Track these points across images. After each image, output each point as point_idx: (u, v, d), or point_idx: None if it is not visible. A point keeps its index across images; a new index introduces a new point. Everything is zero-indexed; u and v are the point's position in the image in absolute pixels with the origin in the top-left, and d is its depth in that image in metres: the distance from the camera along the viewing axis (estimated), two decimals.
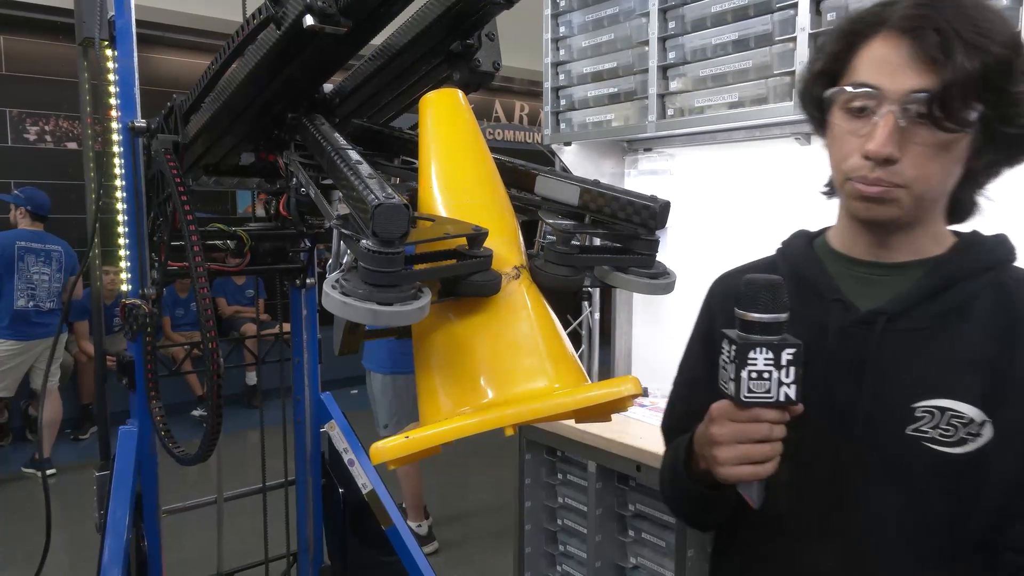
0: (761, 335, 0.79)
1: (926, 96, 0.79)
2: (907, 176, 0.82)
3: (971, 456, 0.83)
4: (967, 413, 0.83)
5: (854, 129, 0.85)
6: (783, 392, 0.79)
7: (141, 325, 1.48)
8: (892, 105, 0.81)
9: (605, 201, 0.97)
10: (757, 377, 0.79)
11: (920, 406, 0.85)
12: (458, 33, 1.07)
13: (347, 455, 1.81)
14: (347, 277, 0.73)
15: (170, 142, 1.30)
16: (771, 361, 0.78)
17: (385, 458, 0.75)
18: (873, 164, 0.82)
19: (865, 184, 0.84)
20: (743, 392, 0.79)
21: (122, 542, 1.42)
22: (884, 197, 0.84)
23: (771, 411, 0.80)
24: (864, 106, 0.83)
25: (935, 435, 0.84)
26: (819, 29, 2.01)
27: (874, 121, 0.82)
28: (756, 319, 0.79)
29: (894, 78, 0.81)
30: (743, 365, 0.79)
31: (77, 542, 3.60)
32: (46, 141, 6.06)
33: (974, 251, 0.91)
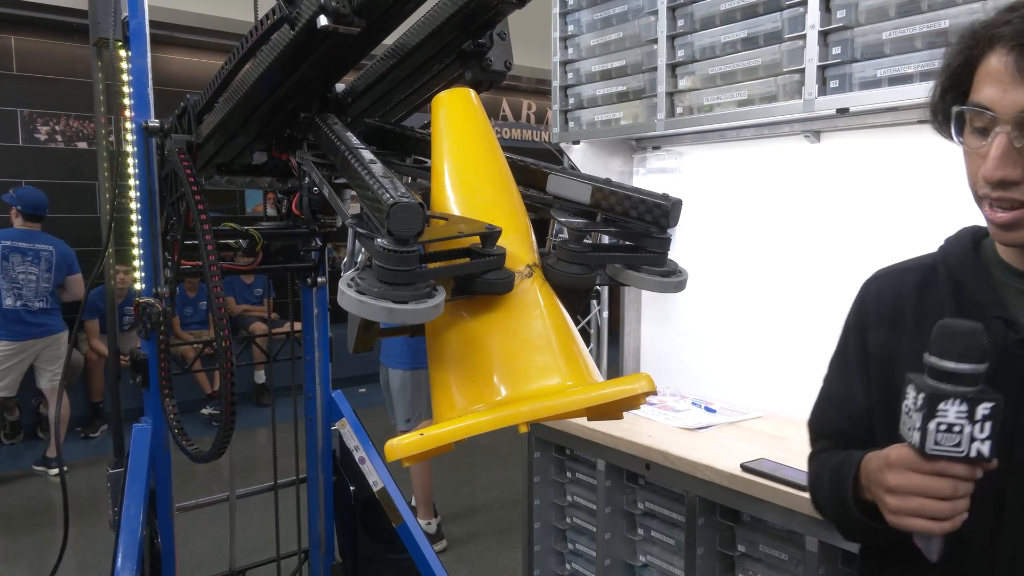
0: (956, 385, 0.72)
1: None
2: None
3: None
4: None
5: (977, 148, 0.81)
6: (975, 448, 0.73)
7: (155, 323, 1.49)
8: (1005, 125, 0.77)
9: (617, 199, 0.97)
10: (947, 430, 0.73)
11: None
12: (470, 32, 1.08)
13: (358, 453, 1.82)
14: (362, 275, 0.74)
15: (184, 142, 1.31)
16: (964, 414, 0.72)
17: (400, 455, 0.76)
18: (994, 186, 0.79)
19: (991, 209, 0.81)
20: (929, 445, 0.73)
21: (136, 539, 1.44)
22: (1014, 222, 0.80)
23: (959, 466, 0.74)
24: (983, 126, 0.80)
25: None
26: (829, 27, 2.01)
27: (988, 142, 0.79)
28: (952, 369, 0.72)
29: (1005, 95, 0.77)
30: (931, 416, 0.73)
31: (88, 539, 3.62)
32: (56, 141, 6.10)
33: None
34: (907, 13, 1.88)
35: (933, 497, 0.75)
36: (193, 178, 1.25)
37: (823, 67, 2.03)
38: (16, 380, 4.71)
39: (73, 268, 4.85)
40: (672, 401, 2.43)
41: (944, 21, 1.81)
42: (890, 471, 0.78)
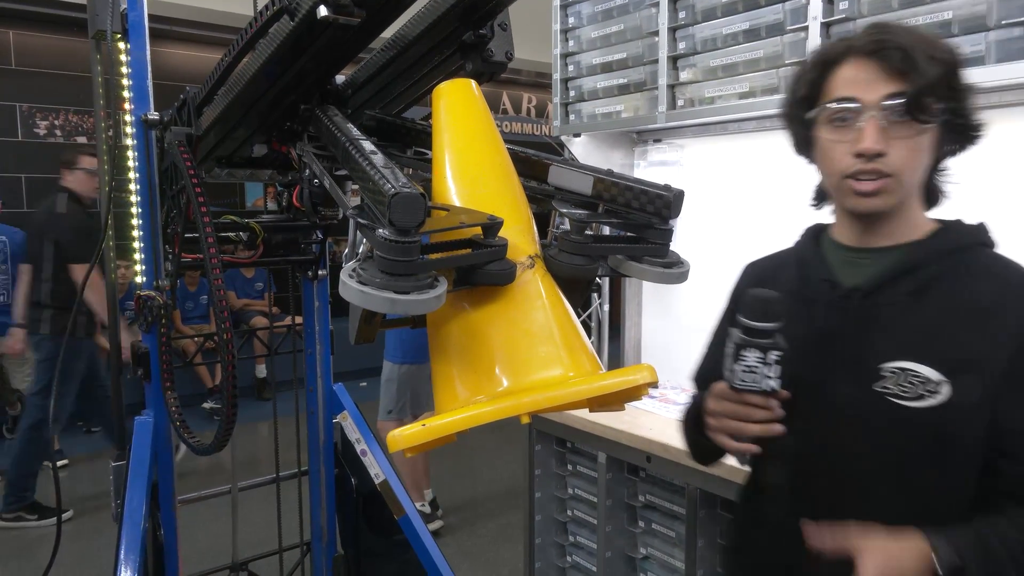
0: (755, 338, 0.95)
1: (902, 99, 0.96)
2: (894, 166, 0.98)
3: (928, 411, 0.98)
4: (924, 373, 0.98)
5: (840, 137, 1.01)
6: (767, 384, 0.96)
7: (156, 317, 1.49)
8: (872, 111, 0.98)
9: (619, 190, 0.97)
10: (747, 370, 0.96)
11: (886, 367, 1.01)
12: (471, 23, 1.07)
13: (359, 445, 1.82)
14: (364, 266, 0.73)
15: (183, 135, 1.31)
16: (760, 359, 0.96)
17: (402, 446, 0.76)
18: (866, 159, 0.98)
19: (858, 181, 1.00)
20: (735, 381, 0.97)
21: (139, 531, 1.44)
22: (878, 190, 1.00)
23: (756, 396, 0.98)
24: (846, 117, 1.00)
25: (896, 391, 1.00)
26: (831, 18, 2.00)
27: (858, 127, 0.99)
28: (752, 325, 0.95)
29: (868, 90, 0.98)
30: (737, 359, 0.97)
31: (90, 532, 3.63)
32: (56, 136, 6.09)
33: (945, 236, 1.06)
34: (910, 4, 1.87)
35: (737, 419, 0.99)
36: (193, 171, 1.25)
37: None
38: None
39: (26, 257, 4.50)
40: (673, 394, 2.43)
41: (947, 12, 1.80)
42: (711, 399, 1.03)
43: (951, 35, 1.80)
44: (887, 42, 0.98)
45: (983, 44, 1.73)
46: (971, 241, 1.06)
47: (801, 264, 1.15)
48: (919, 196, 1.07)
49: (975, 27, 1.75)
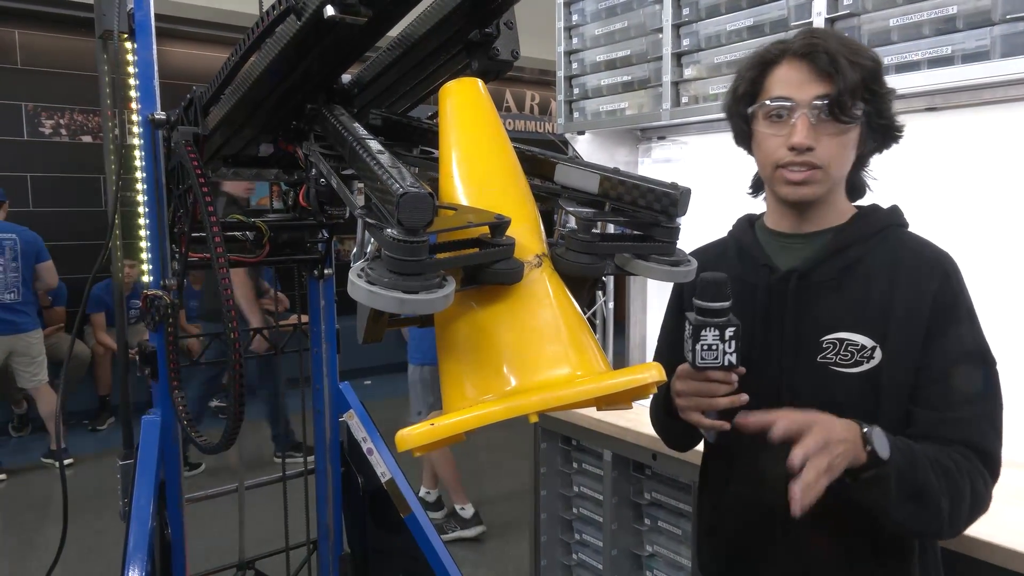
0: (711, 318, 1.03)
1: (827, 99, 1.07)
2: (822, 159, 1.09)
3: (865, 374, 1.10)
4: (859, 341, 1.10)
5: (775, 132, 1.12)
6: (727, 359, 1.04)
7: (163, 316, 1.49)
8: (803, 109, 1.09)
9: (625, 189, 0.97)
10: (707, 349, 1.04)
11: (825, 339, 1.12)
12: (477, 22, 1.07)
13: (366, 444, 1.82)
14: (372, 266, 0.73)
15: (190, 134, 1.31)
16: (718, 337, 1.03)
17: (410, 445, 0.76)
18: (797, 152, 1.09)
19: (789, 172, 1.11)
20: (697, 360, 1.04)
21: (146, 530, 1.44)
22: (807, 180, 1.11)
23: (720, 373, 1.06)
24: (781, 113, 1.11)
25: (837, 360, 1.11)
26: (835, 14, 1.99)
27: (792, 123, 1.09)
28: (707, 306, 1.03)
29: (801, 90, 1.09)
30: (697, 340, 1.04)
31: (97, 531, 3.65)
32: (61, 135, 6.11)
33: (867, 219, 1.18)
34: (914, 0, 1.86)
35: (702, 395, 1.07)
36: (200, 170, 1.25)
37: None
38: None
39: (42, 255, 4.57)
40: None
41: (952, 7, 1.80)
42: (677, 381, 1.12)
43: (955, 30, 1.79)
44: (817, 46, 1.08)
45: (988, 39, 1.73)
46: (889, 222, 1.18)
47: (741, 251, 1.27)
48: (843, 187, 1.19)
49: (980, 22, 1.75)
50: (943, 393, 1.08)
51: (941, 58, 1.82)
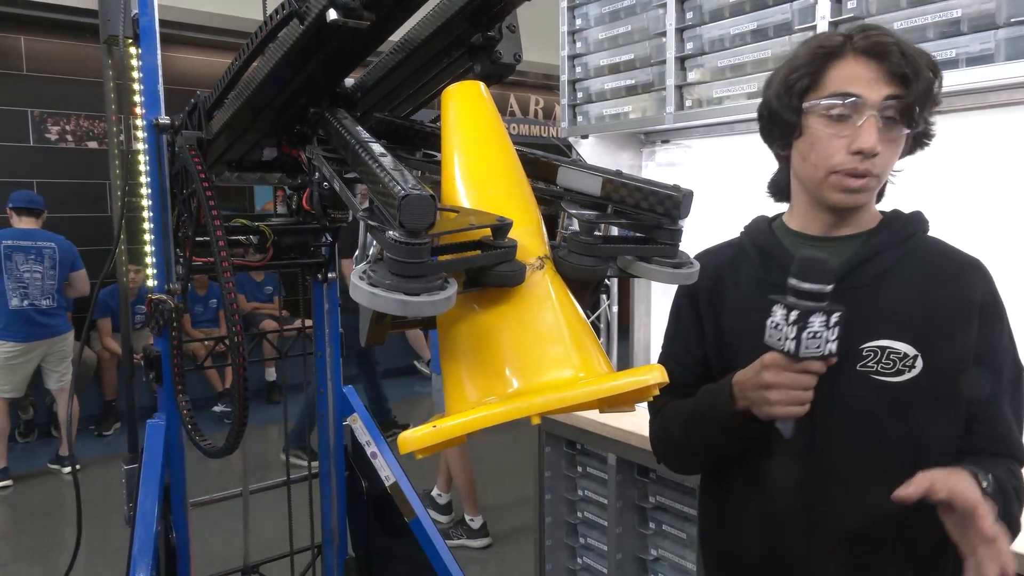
0: (818, 302, 0.95)
1: (898, 102, 1.01)
2: (881, 167, 1.05)
3: (908, 383, 1.05)
4: (901, 349, 1.06)
5: (836, 132, 1.04)
6: (829, 348, 0.97)
7: (167, 320, 1.50)
8: (873, 110, 1.01)
9: (628, 191, 0.96)
10: (813, 336, 0.96)
11: (865, 347, 1.07)
12: (479, 25, 1.07)
13: (370, 448, 1.82)
14: (374, 268, 0.73)
15: (195, 138, 1.31)
16: (824, 324, 0.96)
17: (413, 447, 0.76)
18: (862, 158, 1.03)
19: (852, 176, 1.05)
20: (802, 349, 0.96)
21: (151, 534, 1.45)
22: (863, 187, 1.06)
23: (818, 363, 0.98)
24: (844, 113, 1.03)
25: (878, 368, 1.07)
26: (839, 17, 1.99)
27: (857, 124, 1.02)
28: (813, 289, 0.95)
29: (871, 89, 1.01)
30: (804, 327, 0.95)
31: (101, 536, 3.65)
32: (67, 141, 6.14)
33: (895, 225, 1.15)
34: (918, 3, 1.86)
35: (798, 388, 0.99)
36: (204, 174, 1.26)
37: None
38: (24, 381, 4.69)
39: (76, 264, 4.78)
40: None
41: (956, 11, 1.80)
42: (767, 372, 1.01)
43: (960, 33, 1.79)
44: (888, 44, 1.01)
45: (992, 42, 1.73)
46: (916, 228, 1.15)
47: (762, 253, 1.20)
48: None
49: (984, 25, 1.75)
50: (994, 407, 1.07)
51: (946, 61, 1.82)
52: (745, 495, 1.18)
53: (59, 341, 4.74)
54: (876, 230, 1.14)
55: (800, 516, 1.11)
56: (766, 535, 1.15)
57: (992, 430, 1.07)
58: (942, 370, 1.06)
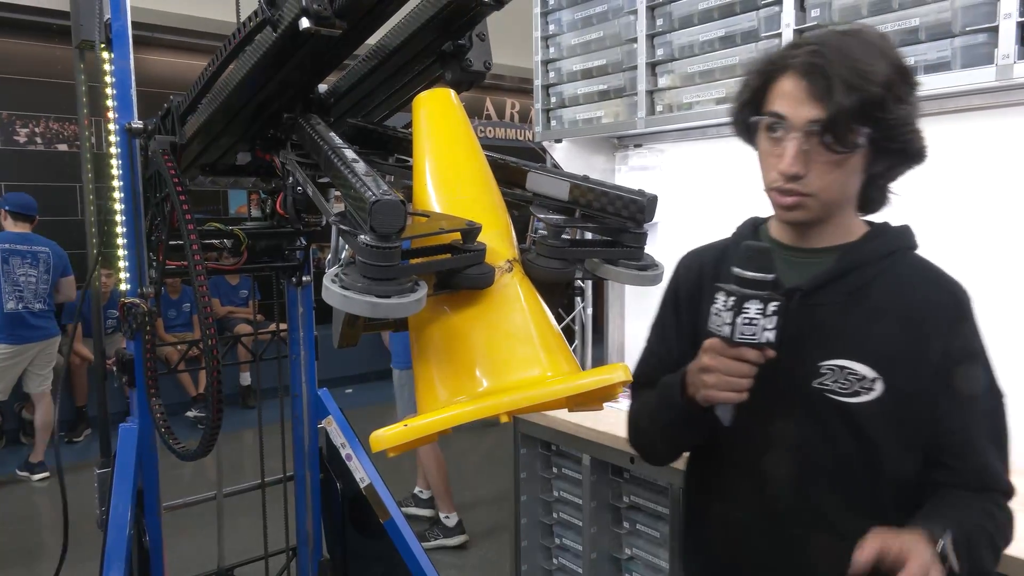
0: (755, 289, 0.95)
1: (818, 125, 0.98)
2: (813, 187, 1.02)
3: (864, 405, 1.04)
4: (860, 371, 1.04)
5: (771, 150, 1.05)
6: (765, 336, 0.97)
7: (140, 324, 1.50)
8: (796, 131, 1.00)
9: (595, 196, 0.99)
10: (748, 323, 0.96)
11: (824, 364, 1.06)
12: (449, 34, 1.10)
13: (344, 450, 1.83)
14: (346, 271, 0.75)
15: (167, 143, 1.32)
16: (760, 311, 0.96)
17: (384, 446, 0.78)
18: (785, 179, 1.02)
19: (780, 195, 1.05)
20: (736, 334, 0.96)
21: (124, 538, 1.44)
22: (795, 205, 1.04)
23: (752, 351, 0.98)
24: (776, 130, 1.03)
25: (835, 387, 1.05)
26: (803, 25, 2.05)
27: (784, 144, 1.02)
28: (751, 277, 0.95)
29: (796, 109, 1.00)
30: (739, 312, 0.96)
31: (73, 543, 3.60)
32: (36, 143, 6.05)
33: (878, 240, 1.11)
34: (879, 12, 1.92)
35: (733, 374, 0.99)
36: (178, 179, 1.26)
37: None
38: (10, 384, 4.67)
39: (67, 270, 4.83)
40: None
41: (914, 19, 1.86)
42: (706, 355, 1.01)
43: (918, 41, 1.85)
44: (817, 65, 0.99)
45: (948, 50, 1.79)
46: (900, 245, 1.12)
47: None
48: (851, 206, 1.10)
49: (941, 34, 1.80)
50: (966, 441, 1.05)
51: None
52: (709, 498, 1.21)
53: (50, 344, 4.78)
54: (856, 245, 1.11)
55: (762, 522, 1.12)
56: (730, 538, 1.17)
57: (967, 464, 1.05)
58: (904, 396, 1.04)
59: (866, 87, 0.97)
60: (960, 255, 1.99)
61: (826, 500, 1.07)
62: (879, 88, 0.97)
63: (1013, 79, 1.67)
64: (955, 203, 2.01)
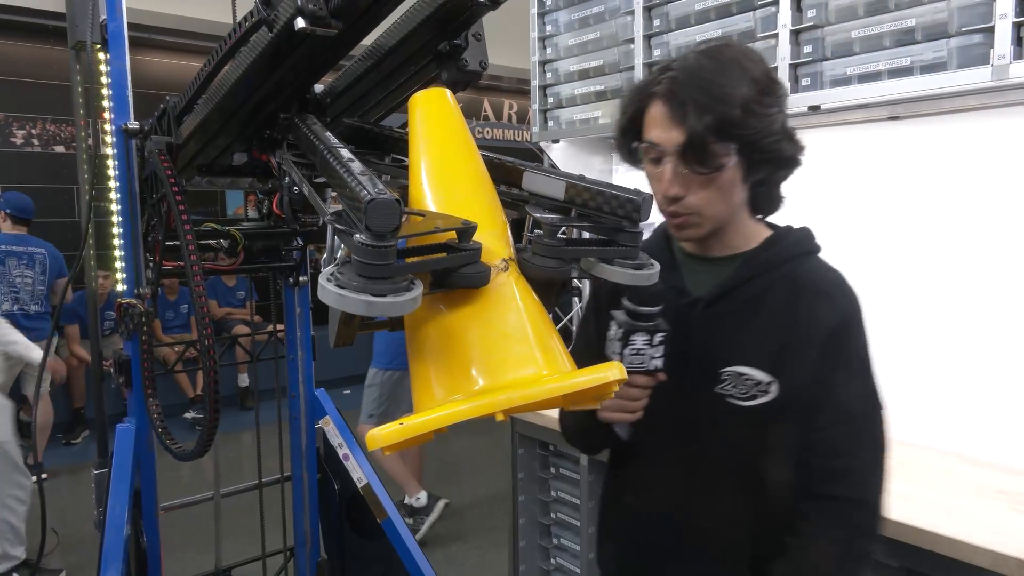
0: (641, 322, 1.03)
1: (679, 148, 1.03)
2: (694, 206, 1.08)
3: (761, 407, 1.10)
4: (756, 376, 1.09)
5: (654, 174, 1.10)
6: (653, 364, 1.05)
7: (137, 324, 1.50)
8: (670, 156, 1.05)
9: (590, 195, 1.00)
10: (635, 353, 1.04)
11: (724, 371, 1.11)
12: (446, 34, 1.10)
13: (342, 450, 1.83)
14: (342, 270, 0.75)
15: (164, 143, 1.32)
16: (647, 342, 1.04)
17: (380, 444, 0.78)
18: (667, 201, 1.08)
19: (668, 217, 1.11)
20: (625, 363, 1.04)
21: (121, 538, 1.44)
22: (684, 224, 1.11)
23: (642, 377, 1.06)
24: (656, 157, 1.08)
25: (734, 392, 1.11)
26: (800, 26, 2.05)
27: (662, 168, 1.07)
28: (638, 310, 1.03)
29: (667, 135, 1.05)
30: (626, 344, 1.04)
31: (71, 545, 3.60)
32: (33, 145, 6.04)
33: (776, 247, 1.15)
34: (875, 12, 1.93)
35: (625, 398, 1.08)
36: (174, 179, 1.26)
37: (795, 65, 2.08)
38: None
39: (63, 272, 4.85)
40: None
41: (911, 20, 1.86)
42: None
43: (915, 41, 1.85)
44: (674, 91, 1.03)
45: (945, 51, 1.79)
46: (799, 251, 1.15)
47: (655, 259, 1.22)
48: (745, 211, 1.14)
49: (937, 34, 1.81)
50: (828, 441, 1.08)
51: (901, 69, 1.88)
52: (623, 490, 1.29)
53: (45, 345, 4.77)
54: (754, 253, 1.14)
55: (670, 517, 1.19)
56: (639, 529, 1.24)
57: (826, 465, 1.09)
58: (795, 397, 1.08)
59: (718, 108, 1.00)
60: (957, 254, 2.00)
61: (730, 499, 1.13)
62: (733, 107, 1.00)
63: (1009, 79, 1.67)
64: (951, 203, 2.02)
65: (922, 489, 1.74)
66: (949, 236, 2.02)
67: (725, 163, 1.04)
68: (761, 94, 1.03)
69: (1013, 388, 1.91)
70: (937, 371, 2.04)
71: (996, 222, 1.94)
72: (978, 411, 1.97)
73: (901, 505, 1.62)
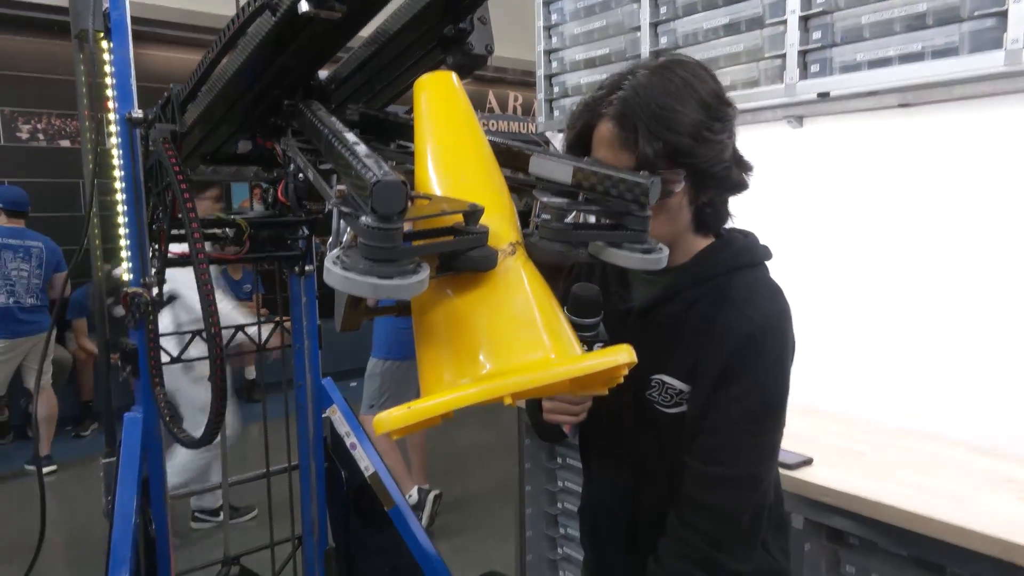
0: (581, 332, 1.04)
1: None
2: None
3: (681, 415, 1.15)
4: (676, 385, 1.14)
5: None
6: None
7: (143, 313, 1.50)
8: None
9: (598, 179, 0.98)
10: None
11: (652, 378, 1.16)
12: (451, 17, 1.09)
13: (349, 439, 1.83)
14: (348, 253, 0.75)
15: (168, 131, 1.31)
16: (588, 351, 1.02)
17: (388, 428, 0.77)
18: None
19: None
20: None
21: (130, 527, 1.45)
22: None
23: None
24: None
25: (659, 399, 1.16)
26: (809, 11, 2.03)
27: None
28: (577, 322, 1.05)
29: (615, 156, 1.05)
30: None
31: (80, 538, 3.63)
32: (39, 139, 6.06)
33: (708, 262, 1.16)
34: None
35: (566, 402, 1.16)
36: (179, 167, 1.26)
37: (804, 52, 2.06)
38: (5, 379, 4.69)
39: (60, 265, 4.86)
40: None
41: (922, 4, 1.84)
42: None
43: (926, 26, 1.83)
44: (625, 115, 1.03)
45: (956, 35, 1.77)
46: (733, 265, 1.16)
47: (603, 273, 1.26)
48: (689, 229, 1.15)
49: (949, 18, 1.79)
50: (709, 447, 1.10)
51: (912, 54, 1.86)
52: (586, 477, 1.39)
53: (42, 339, 4.79)
54: (686, 266, 1.16)
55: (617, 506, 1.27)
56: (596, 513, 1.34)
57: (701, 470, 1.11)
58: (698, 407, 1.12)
59: (668, 136, 1.01)
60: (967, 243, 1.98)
61: (664, 500, 1.17)
62: (683, 135, 1.01)
63: (1022, 65, 1.65)
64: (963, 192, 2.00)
65: (930, 478, 1.73)
66: (959, 226, 2.00)
67: (673, 189, 1.05)
68: (711, 119, 1.04)
69: (1022, 377, 1.89)
70: (946, 360, 2.03)
71: (1007, 211, 1.92)
72: (986, 400, 1.96)
73: (910, 494, 1.61)
